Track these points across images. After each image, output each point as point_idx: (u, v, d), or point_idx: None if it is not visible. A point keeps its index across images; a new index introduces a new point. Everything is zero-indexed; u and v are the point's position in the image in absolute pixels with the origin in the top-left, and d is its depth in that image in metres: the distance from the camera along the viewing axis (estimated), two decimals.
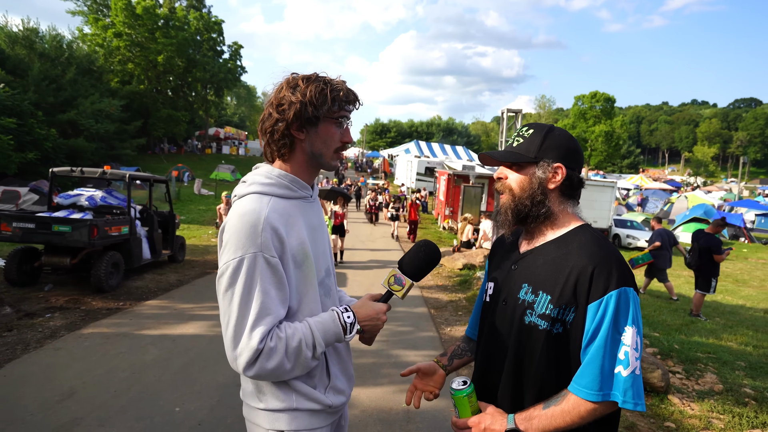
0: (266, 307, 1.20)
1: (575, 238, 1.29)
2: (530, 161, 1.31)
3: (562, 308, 1.21)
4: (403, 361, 4.69)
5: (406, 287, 1.39)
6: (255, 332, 1.18)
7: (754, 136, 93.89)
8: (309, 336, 1.25)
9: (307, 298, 1.33)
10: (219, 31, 40.87)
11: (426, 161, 31.64)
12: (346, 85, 1.36)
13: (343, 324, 1.31)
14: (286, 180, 1.33)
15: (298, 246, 1.30)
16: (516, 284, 1.33)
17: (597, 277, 1.18)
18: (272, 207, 1.27)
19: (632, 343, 1.14)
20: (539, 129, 1.34)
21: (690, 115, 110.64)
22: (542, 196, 1.31)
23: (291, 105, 1.28)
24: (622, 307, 1.15)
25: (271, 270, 1.21)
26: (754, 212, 25.64)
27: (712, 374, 4.42)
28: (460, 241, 12.19)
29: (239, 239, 1.20)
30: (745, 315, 9.00)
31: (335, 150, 1.37)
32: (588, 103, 56.32)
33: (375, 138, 73.51)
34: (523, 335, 1.27)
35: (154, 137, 37.79)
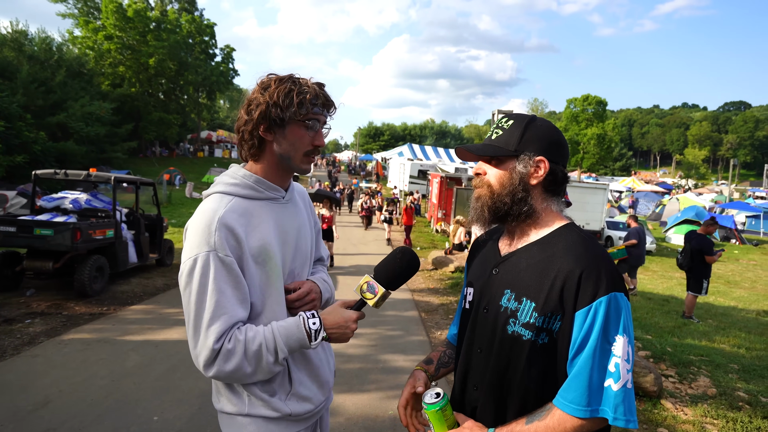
0: (221, 305, 1.18)
1: (560, 238, 1.19)
2: (510, 155, 1.21)
3: (547, 316, 1.12)
4: (392, 366, 4.58)
5: (378, 295, 1.30)
6: (210, 331, 1.17)
7: (744, 138, 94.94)
8: (271, 340, 1.22)
9: (270, 300, 1.30)
10: (211, 34, 40.69)
11: (419, 164, 31.59)
12: (321, 87, 1.33)
13: (308, 330, 1.26)
14: (251, 180, 1.32)
15: (259, 247, 1.27)
16: (497, 290, 1.23)
17: (585, 282, 1.08)
18: (231, 207, 1.26)
19: (623, 353, 1.05)
20: (520, 120, 1.24)
21: (681, 118, 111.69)
22: (524, 192, 1.21)
23: (257, 106, 1.27)
24: (612, 315, 1.06)
25: (226, 269, 1.20)
26: (744, 214, 25.85)
27: (705, 377, 4.36)
28: (452, 244, 12.12)
29: (194, 238, 1.21)
30: (738, 317, 8.99)
31: (305, 153, 1.33)
32: (580, 107, 56.71)
33: (368, 141, 73.47)
34: (505, 346, 1.18)
35: (145, 140, 37.48)
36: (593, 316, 1.06)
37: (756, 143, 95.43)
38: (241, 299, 1.23)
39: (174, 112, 38.33)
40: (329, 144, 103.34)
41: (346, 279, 8.86)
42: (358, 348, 5.01)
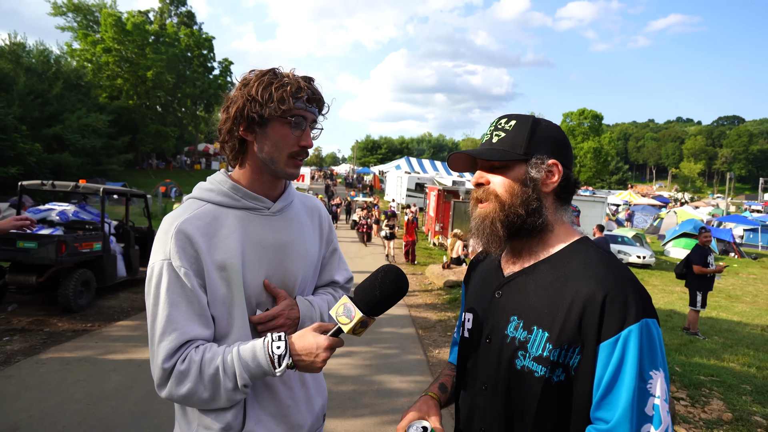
0: (172, 320, 1.06)
1: (575, 255, 1.02)
2: (520, 158, 1.03)
3: (563, 349, 0.95)
4: (388, 388, 4.34)
5: (355, 320, 1.07)
6: (161, 348, 1.06)
7: (738, 152, 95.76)
8: (230, 363, 1.07)
9: (236, 321, 1.16)
10: (210, 48, 40.94)
11: (416, 177, 31.52)
12: (307, 81, 1.17)
13: (270, 355, 1.07)
14: (225, 186, 1.20)
15: (224, 260, 1.13)
16: (502, 317, 1.05)
17: (610, 308, 0.91)
18: (197, 213, 1.14)
19: (662, 392, 0.89)
20: (524, 119, 1.07)
21: (675, 132, 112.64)
22: (538, 202, 1.04)
23: (234, 102, 1.14)
24: (645, 347, 0.89)
25: (180, 282, 1.07)
26: (742, 227, 25.76)
27: (718, 400, 4.14)
28: (450, 258, 11.92)
29: (155, 245, 1.12)
30: (743, 332, 8.78)
31: (290, 155, 1.17)
32: (576, 120, 57.06)
33: (366, 154, 73.65)
34: (514, 383, 1.01)
35: (142, 153, 37.39)
36: (623, 349, 0.89)
37: (750, 157, 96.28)
38: (197, 315, 1.09)
39: (171, 125, 38.35)
40: (326, 157, 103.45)
41: None
42: (351, 368, 4.77)
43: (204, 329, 1.10)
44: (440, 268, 11.07)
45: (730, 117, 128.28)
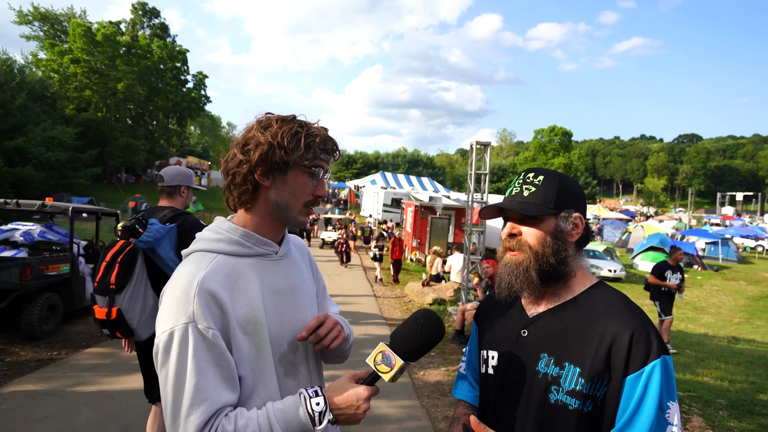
0: (202, 390, 0.99)
1: (597, 298, 1.13)
2: (551, 213, 1.14)
3: (594, 382, 1.04)
4: (375, 414, 4.25)
5: (396, 369, 1.08)
6: (190, 422, 0.97)
7: (697, 168, 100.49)
8: (266, 428, 1.00)
9: (263, 377, 1.10)
10: (183, 60, 40.42)
11: (392, 192, 31.64)
12: (327, 132, 1.18)
13: (311, 413, 1.03)
14: (237, 234, 1.14)
15: (247, 313, 1.08)
16: (531, 354, 1.13)
17: (636, 344, 1.02)
18: (214, 267, 1.07)
19: (677, 422, 1.01)
20: (551, 175, 1.18)
21: (640, 148, 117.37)
22: (565, 252, 1.14)
23: (258, 146, 1.10)
24: (664, 380, 1.00)
25: (207, 344, 1.00)
26: (704, 240, 26.80)
27: (698, 417, 4.23)
28: (430, 275, 11.94)
29: (170, 307, 1.02)
30: (711, 345, 9.07)
31: (305, 203, 1.18)
32: (547, 137, 58.66)
33: (341, 169, 73.57)
34: (547, 416, 1.08)
35: (111, 166, 36.35)
36: (646, 382, 1.00)
37: (708, 173, 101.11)
38: (226, 379, 1.03)
39: (142, 138, 37.50)
40: None
41: None
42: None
43: (232, 394, 1.04)
44: (420, 286, 11.06)
45: (689, 135, 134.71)
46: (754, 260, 28.90)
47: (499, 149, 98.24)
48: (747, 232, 35.94)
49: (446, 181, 75.36)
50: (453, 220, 17.17)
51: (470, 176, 8.01)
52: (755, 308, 14.77)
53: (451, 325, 7.52)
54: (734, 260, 26.13)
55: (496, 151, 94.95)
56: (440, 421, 4.17)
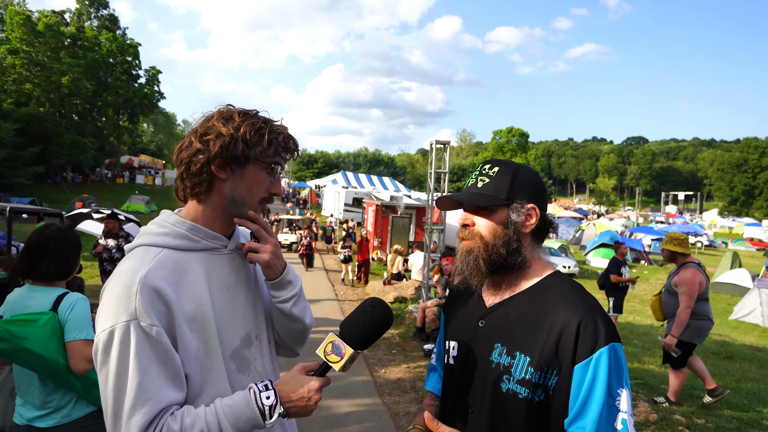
0: (145, 389, 0.95)
1: (551, 287, 1.14)
2: (502, 203, 1.15)
3: (543, 371, 1.05)
4: (337, 413, 4.24)
5: (346, 357, 1.09)
6: (132, 423, 0.94)
7: (644, 169, 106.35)
8: (215, 425, 0.99)
9: (212, 374, 1.07)
10: (135, 55, 38.68)
11: (354, 192, 31.55)
12: (288, 130, 1.18)
13: (261, 407, 1.02)
14: (183, 228, 1.11)
15: (194, 309, 1.05)
16: (486, 344, 1.15)
17: (583, 333, 1.03)
18: (158, 262, 1.04)
19: (628, 408, 1.02)
20: (506, 166, 1.19)
21: (592, 150, 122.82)
22: (518, 242, 1.15)
23: (219, 137, 1.07)
24: (613, 367, 1.02)
25: (151, 342, 0.97)
26: (650, 237, 28.39)
27: (644, 402, 4.46)
28: (391, 273, 12.01)
29: (110, 305, 0.98)
30: (656, 335, 9.59)
31: (260, 200, 1.16)
32: (505, 138, 60.26)
33: (302, 168, 72.77)
34: (499, 405, 1.09)
35: (55, 165, 34.30)
36: (594, 370, 1.01)
37: (654, 173, 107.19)
38: (171, 377, 1.00)
39: (90, 135, 35.58)
40: None
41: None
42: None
43: (178, 393, 1.01)
44: (381, 285, 11.10)
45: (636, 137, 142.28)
46: (695, 255, 30.83)
47: (459, 149, 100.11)
48: (688, 229, 38.33)
49: (407, 180, 76.02)
50: (414, 219, 17.34)
51: (430, 175, 8.12)
52: None
53: (411, 323, 7.60)
54: None
55: (456, 152, 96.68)
56: (401, 418, 4.20)
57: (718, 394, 4.47)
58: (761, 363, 7.37)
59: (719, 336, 10.25)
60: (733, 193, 78.78)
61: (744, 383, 5.70)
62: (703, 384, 4.64)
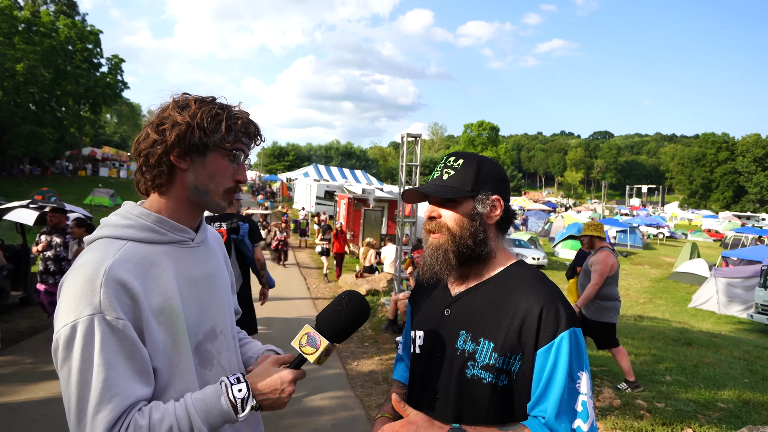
0: (112, 385, 0.92)
1: (514, 275, 1.17)
2: (468, 195, 1.17)
3: (507, 356, 1.07)
4: (309, 407, 4.22)
5: (321, 349, 1.09)
6: (98, 420, 0.90)
7: (610, 163, 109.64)
8: (184, 419, 0.97)
9: (180, 369, 1.05)
10: (96, 42, 37.12)
11: (325, 185, 31.35)
12: (248, 116, 1.15)
13: (233, 400, 1.01)
14: (149, 220, 1.08)
15: (161, 303, 1.02)
16: (451, 332, 1.16)
17: (545, 318, 1.06)
18: (123, 255, 1.01)
19: (587, 390, 1.05)
20: (470, 159, 1.21)
21: (560, 144, 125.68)
22: (483, 233, 1.17)
23: (175, 125, 1.05)
24: (574, 351, 1.05)
25: (117, 336, 0.94)
26: (615, 229, 29.34)
27: (608, 389, 4.62)
28: (363, 266, 12.00)
29: (72, 299, 0.94)
30: (620, 324, 9.91)
31: (226, 189, 1.13)
32: (476, 131, 60.96)
33: (273, 161, 71.69)
34: (464, 391, 1.11)
35: (11, 156, 32.65)
36: (556, 354, 1.04)
37: (619, 167, 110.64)
38: (139, 372, 0.97)
39: (49, 126, 33.97)
40: None
41: (266, 339, 8.20)
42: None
43: (146, 388, 0.98)
44: (353, 278, 11.08)
45: (602, 132, 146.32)
46: (656, 246, 32.11)
47: (430, 143, 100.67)
48: (651, 221, 39.87)
49: (379, 173, 76.00)
50: (386, 212, 17.38)
51: (402, 168, 8.12)
52: (656, 289, 16.45)
53: (384, 315, 7.62)
54: (640, 246, 28.88)
55: (428, 145, 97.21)
56: (374, 410, 4.22)
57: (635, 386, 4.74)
58: (716, 348, 7.73)
59: (678, 323, 10.73)
60: (692, 187, 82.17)
61: (701, 368, 5.97)
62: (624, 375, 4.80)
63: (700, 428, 3.78)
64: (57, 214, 6.03)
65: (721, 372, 5.84)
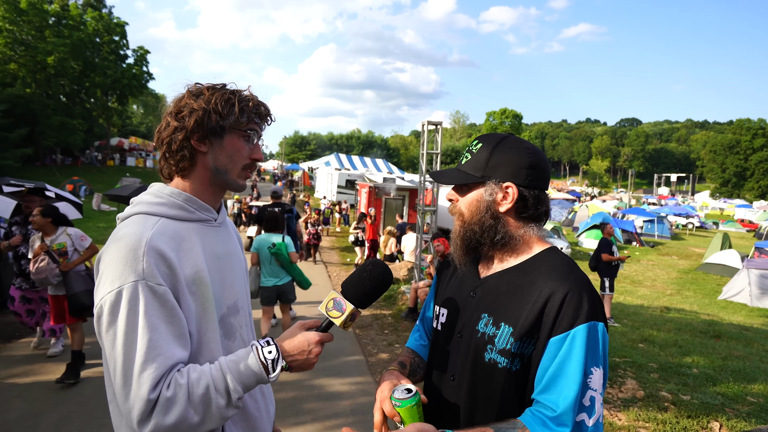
0: (155, 345, 0.99)
1: (543, 262, 1.13)
2: (477, 181, 1.15)
3: (523, 341, 1.06)
4: (329, 392, 4.28)
5: (346, 313, 1.14)
6: (144, 378, 0.97)
7: (637, 151, 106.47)
8: (220, 379, 1.03)
9: (207, 337, 1.12)
10: (122, 34, 37.74)
11: (347, 174, 31.42)
12: (257, 97, 1.24)
13: (263, 361, 1.07)
14: (180, 199, 1.16)
15: (193, 274, 1.10)
16: (474, 314, 1.16)
17: (566, 307, 1.02)
18: (159, 229, 1.09)
19: (599, 387, 1.01)
20: (488, 142, 1.17)
21: (585, 131, 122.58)
22: (493, 220, 1.15)
23: (192, 112, 1.14)
24: (590, 345, 1.01)
25: (159, 301, 1.01)
26: (642, 219, 28.59)
27: (632, 380, 4.54)
28: (384, 255, 12.02)
29: (115, 267, 1.01)
30: (646, 315, 9.75)
31: (243, 167, 1.22)
32: (498, 119, 59.97)
33: (294, 150, 72.20)
34: (480, 374, 1.11)
35: (44, 147, 33.75)
36: (570, 345, 1.00)
37: (647, 155, 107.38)
38: (178, 336, 1.04)
39: (78, 117, 34.89)
40: None
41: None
42: (289, 373, 4.62)
43: (184, 351, 1.05)
44: None
45: (629, 119, 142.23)
46: (685, 236, 31.16)
47: (452, 131, 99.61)
48: (680, 211, 38.65)
49: (401, 162, 75.72)
50: (407, 200, 17.33)
51: (422, 156, 8.06)
52: (685, 280, 15.99)
53: (404, 303, 7.64)
54: (668, 237, 28.07)
55: (449, 133, 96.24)
56: None
57: None
58: (747, 341, 7.50)
59: (707, 315, 10.43)
60: (724, 175, 79.23)
61: (730, 361, 5.81)
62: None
63: (728, 422, 3.68)
64: (35, 197, 4.87)
65: (752, 366, 5.66)
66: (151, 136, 61.60)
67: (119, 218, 1.17)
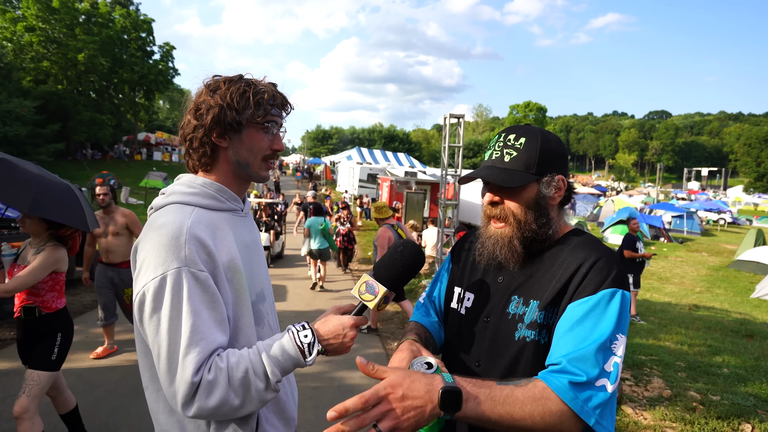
0: (198, 330, 1.01)
1: (570, 241, 1.14)
2: (533, 180, 1.10)
3: (548, 310, 1.04)
4: (348, 383, 4.31)
5: (380, 296, 1.13)
6: (188, 361, 0.99)
7: (666, 144, 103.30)
8: (258, 363, 1.05)
9: (242, 322, 1.15)
10: (149, 31, 38.55)
11: (368, 168, 31.43)
12: (274, 87, 1.24)
13: (300, 345, 1.08)
14: (212, 189, 1.19)
15: (229, 261, 1.12)
16: (503, 298, 1.14)
17: (592, 274, 1.01)
18: (196, 217, 1.11)
19: (622, 353, 0.96)
20: (532, 136, 1.12)
21: (612, 125, 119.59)
22: (547, 216, 1.12)
23: (210, 109, 1.15)
24: (616, 311, 0.97)
25: (201, 287, 1.03)
26: (670, 214, 27.76)
27: (658, 378, 4.42)
28: None
29: (158, 254, 1.03)
30: (674, 312, 9.48)
31: (263, 158, 1.23)
32: (522, 113, 59.06)
33: (316, 144, 72.67)
34: (509, 353, 1.08)
35: (74, 142, 34.81)
36: (595, 306, 0.98)
37: (676, 149, 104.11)
38: (219, 321, 1.06)
39: (107, 112, 35.88)
40: None
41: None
42: (325, 356, 4.69)
43: (224, 336, 1.07)
44: None
45: (659, 111, 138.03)
46: (716, 233, 30.14)
47: (474, 125, 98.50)
48: (711, 206, 37.37)
49: (422, 156, 75.36)
50: (428, 194, 17.27)
51: (444, 149, 7.99)
52: (715, 278, 15.48)
53: None
54: (698, 233, 27.21)
55: (471, 127, 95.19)
56: None
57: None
58: None
59: (739, 314, 10.07)
60: (759, 169, 76.20)
61: (763, 361, 5.60)
62: None
63: (761, 424, 3.55)
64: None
65: None
66: (176, 131, 62.48)
67: (153, 207, 1.20)
